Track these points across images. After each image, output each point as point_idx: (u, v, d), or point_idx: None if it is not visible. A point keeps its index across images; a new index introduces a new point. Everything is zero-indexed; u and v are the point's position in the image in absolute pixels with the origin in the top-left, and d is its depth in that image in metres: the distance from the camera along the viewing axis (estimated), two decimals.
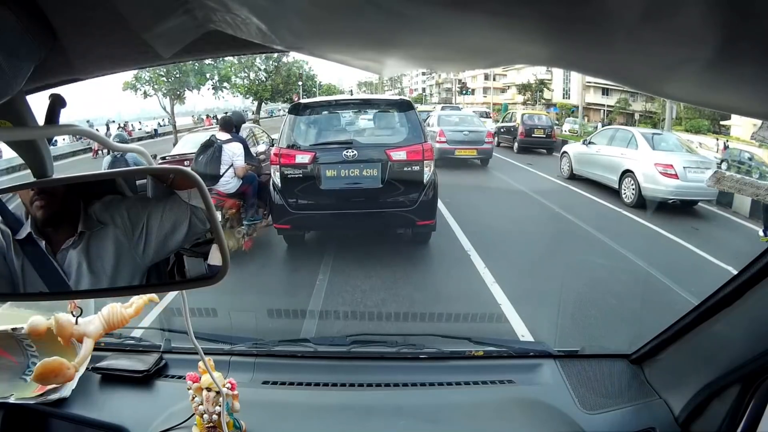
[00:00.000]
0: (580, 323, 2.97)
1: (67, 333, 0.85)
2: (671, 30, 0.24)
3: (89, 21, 0.46)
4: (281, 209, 4.04)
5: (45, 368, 0.82)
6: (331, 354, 1.38)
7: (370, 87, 42.90)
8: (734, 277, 0.92)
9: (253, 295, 3.27)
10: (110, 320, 0.94)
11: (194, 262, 0.74)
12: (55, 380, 0.83)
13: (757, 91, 0.28)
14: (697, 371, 1.02)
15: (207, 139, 4.28)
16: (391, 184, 3.97)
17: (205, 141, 4.28)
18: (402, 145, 4.06)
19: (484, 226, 5.26)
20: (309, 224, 4.27)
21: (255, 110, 25.23)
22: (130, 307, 0.97)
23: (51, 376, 0.82)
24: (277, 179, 4.03)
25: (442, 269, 4.17)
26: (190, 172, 0.66)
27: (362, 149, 4.03)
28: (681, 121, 20.06)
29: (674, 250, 4.86)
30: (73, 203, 0.71)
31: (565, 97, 27.14)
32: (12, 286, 0.70)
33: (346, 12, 0.32)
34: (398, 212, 4.01)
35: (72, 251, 0.70)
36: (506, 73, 30.30)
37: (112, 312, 0.95)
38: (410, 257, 4.30)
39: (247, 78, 23.94)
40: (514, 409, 1.19)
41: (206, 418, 1.07)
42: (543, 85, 28.05)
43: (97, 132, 0.70)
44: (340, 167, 3.97)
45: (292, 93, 24.17)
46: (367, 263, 4.10)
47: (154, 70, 14.56)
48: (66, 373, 0.83)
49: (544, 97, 28.06)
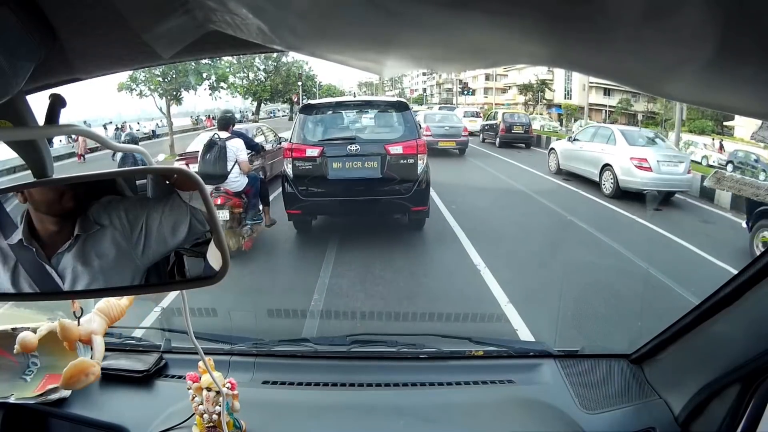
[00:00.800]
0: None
1: (73, 336, 0.85)
2: (671, 30, 0.24)
3: (89, 21, 0.46)
4: (293, 197, 4.54)
5: (75, 369, 0.81)
6: (331, 354, 1.38)
7: (370, 87, 42.91)
8: (734, 277, 0.92)
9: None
10: (110, 313, 0.93)
11: (194, 262, 0.74)
12: (86, 380, 0.83)
13: (757, 91, 0.28)
14: (697, 371, 1.02)
15: (209, 139, 4.48)
16: (389, 175, 4.48)
17: (208, 141, 4.48)
18: (399, 140, 4.59)
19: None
20: (317, 210, 4.80)
21: (254, 111, 24.89)
22: (122, 299, 0.97)
23: (82, 376, 0.82)
24: (290, 170, 4.53)
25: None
26: (191, 172, 0.66)
27: (364, 144, 4.56)
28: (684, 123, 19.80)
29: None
30: (73, 204, 0.70)
31: (567, 98, 26.84)
32: (6, 287, 0.70)
33: (346, 12, 0.32)
34: (395, 199, 4.51)
35: (67, 254, 0.69)
36: (507, 74, 29.90)
37: (109, 305, 0.94)
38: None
39: (246, 78, 23.56)
40: (514, 408, 1.19)
41: (206, 418, 1.07)
42: (544, 86, 27.72)
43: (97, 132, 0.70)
44: (345, 160, 4.49)
45: (292, 93, 23.91)
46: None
47: (150, 71, 14.41)
48: (93, 370, 0.83)
49: (546, 98, 27.76)
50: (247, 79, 23.48)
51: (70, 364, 0.81)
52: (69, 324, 0.84)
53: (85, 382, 0.82)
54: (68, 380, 0.81)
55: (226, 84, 19.46)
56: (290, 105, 24.00)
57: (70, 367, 0.81)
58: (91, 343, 0.87)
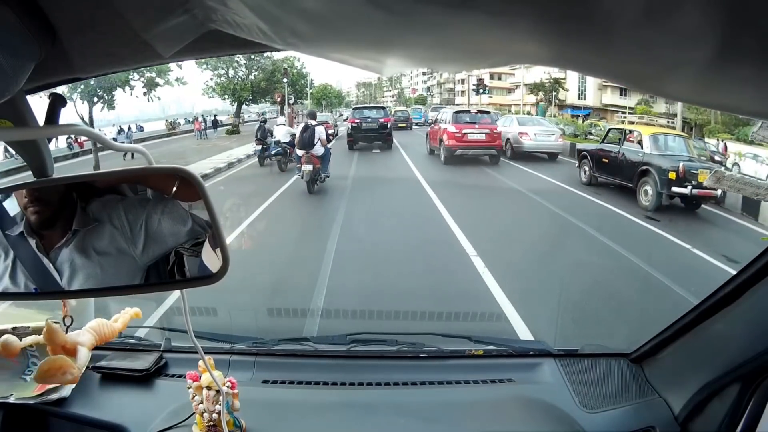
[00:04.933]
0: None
1: (58, 340, 0.83)
2: (671, 30, 0.24)
3: (89, 20, 0.46)
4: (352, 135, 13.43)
5: (53, 364, 0.79)
6: (331, 353, 1.38)
7: (368, 87, 42.86)
8: (734, 277, 0.92)
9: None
10: (101, 332, 0.92)
11: (194, 261, 0.74)
12: (61, 378, 0.82)
13: (757, 91, 0.28)
14: (697, 370, 1.02)
15: (305, 124, 7.82)
16: (380, 128, 13.31)
17: (304, 125, 7.80)
18: (383, 117, 13.65)
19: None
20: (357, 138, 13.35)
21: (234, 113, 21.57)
22: (116, 322, 0.96)
23: (58, 372, 0.81)
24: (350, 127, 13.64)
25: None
26: (190, 171, 0.66)
27: (372, 119, 13.47)
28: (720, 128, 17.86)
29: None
30: (71, 202, 0.71)
31: (581, 98, 24.86)
32: (4, 283, 0.70)
33: (346, 11, 0.32)
34: (382, 133, 13.28)
35: (65, 249, 0.70)
36: (514, 72, 27.98)
37: (101, 324, 0.93)
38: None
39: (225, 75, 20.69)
40: (514, 408, 1.19)
41: (206, 417, 1.07)
42: (558, 84, 25.31)
43: (99, 132, 0.70)
44: (365, 123, 13.40)
45: (275, 92, 20.83)
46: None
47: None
48: (72, 371, 0.82)
49: (559, 98, 25.48)
50: (225, 77, 20.81)
51: (48, 358, 0.80)
52: (56, 328, 0.83)
53: (59, 380, 0.81)
54: (44, 373, 0.79)
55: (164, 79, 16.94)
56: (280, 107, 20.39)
57: (48, 360, 0.80)
58: (76, 353, 0.85)
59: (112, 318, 0.97)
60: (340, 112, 26.83)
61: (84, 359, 0.85)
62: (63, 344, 0.83)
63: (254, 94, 21.76)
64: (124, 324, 0.97)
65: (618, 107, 22.85)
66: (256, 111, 24.54)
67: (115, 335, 0.95)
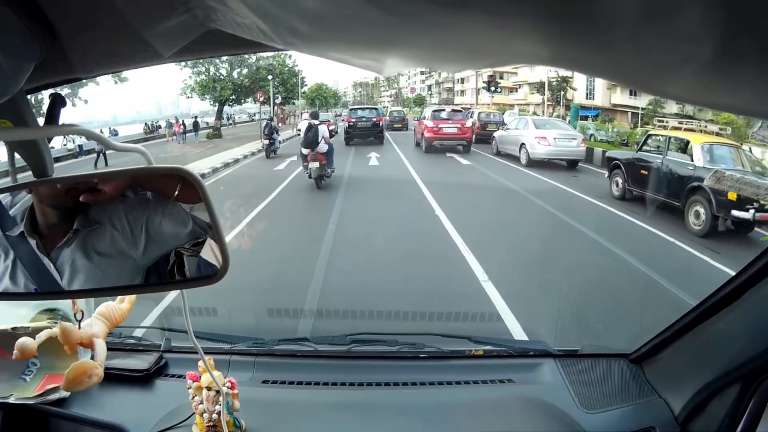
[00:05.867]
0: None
1: (74, 339, 0.84)
2: (671, 30, 0.24)
3: (90, 20, 0.46)
4: (348, 132, 14.67)
5: (78, 371, 0.80)
6: (331, 353, 1.38)
7: (366, 87, 42.80)
8: (734, 277, 0.92)
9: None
10: (111, 317, 0.93)
11: (194, 262, 0.74)
12: (89, 382, 0.82)
13: (757, 91, 0.28)
14: (697, 371, 1.02)
15: (309, 123, 8.12)
16: (373, 126, 14.72)
17: (308, 125, 8.10)
18: (376, 117, 15.15)
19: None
20: (353, 135, 14.59)
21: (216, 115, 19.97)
22: (123, 302, 0.97)
23: (84, 377, 0.81)
24: (347, 125, 14.91)
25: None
26: (192, 171, 0.66)
27: (365, 118, 14.95)
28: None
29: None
30: (72, 202, 0.71)
31: (589, 98, 23.36)
32: (4, 285, 0.70)
33: (346, 11, 0.32)
34: (375, 131, 14.62)
35: (66, 249, 0.70)
36: (516, 71, 26.90)
37: (109, 309, 0.94)
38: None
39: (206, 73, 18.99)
40: (514, 408, 1.19)
41: (206, 417, 1.07)
42: (566, 84, 23.98)
43: (100, 132, 0.70)
44: (360, 122, 14.80)
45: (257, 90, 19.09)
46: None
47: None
48: (96, 371, 0.82)
49: (566, 97, 24.28)
50: (206, 74, 19.05)
51: (72, 365, 0.81)
52: (70, 327, 0.84)
53: (87, 384, 0.82)
54: (71, 382, 0.81)
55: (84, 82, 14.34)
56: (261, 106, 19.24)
57: (72, 368, 0.80)
58: (93, 346, 0.86)
59: (117, 299, 0.98)
60: (336, 112, 26.70)
61: (102, 352, 0.86)
62: (79, 341, 0.84)
63: (237, 93, 20.17)
64: (131, 302, 0.98)
65: (628, 107, 22.04)
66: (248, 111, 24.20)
67: (125, 317, 0.96)
